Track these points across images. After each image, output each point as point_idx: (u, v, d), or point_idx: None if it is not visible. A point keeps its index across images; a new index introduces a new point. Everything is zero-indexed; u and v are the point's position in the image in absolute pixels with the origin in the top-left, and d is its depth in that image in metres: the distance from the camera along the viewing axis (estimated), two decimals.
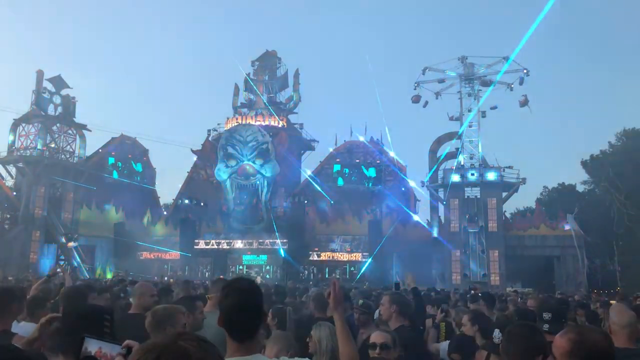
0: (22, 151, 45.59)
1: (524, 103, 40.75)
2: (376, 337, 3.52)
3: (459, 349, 4.87)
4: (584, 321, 7.16)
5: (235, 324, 2.29)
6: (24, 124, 46.31)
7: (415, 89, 42.59)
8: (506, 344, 2.87)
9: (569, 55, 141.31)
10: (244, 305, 2.31)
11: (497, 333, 3.68)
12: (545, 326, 4.25)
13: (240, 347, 2.27)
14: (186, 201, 47.89)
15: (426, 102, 42.53)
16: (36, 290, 7.03)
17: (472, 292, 12.13)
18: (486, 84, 41.53)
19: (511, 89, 41.12)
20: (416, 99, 42.46)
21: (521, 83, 40.64)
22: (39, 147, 45.05)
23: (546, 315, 5.68)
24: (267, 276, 40.12)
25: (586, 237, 38.96)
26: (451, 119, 42.35)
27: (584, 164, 49.76)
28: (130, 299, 5.78)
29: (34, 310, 5.35)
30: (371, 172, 46.79)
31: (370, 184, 46.50)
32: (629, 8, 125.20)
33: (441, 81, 42.43)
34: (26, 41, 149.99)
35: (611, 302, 9.27)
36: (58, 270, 8.38)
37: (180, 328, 3.54)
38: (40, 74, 46.22)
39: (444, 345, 5.35)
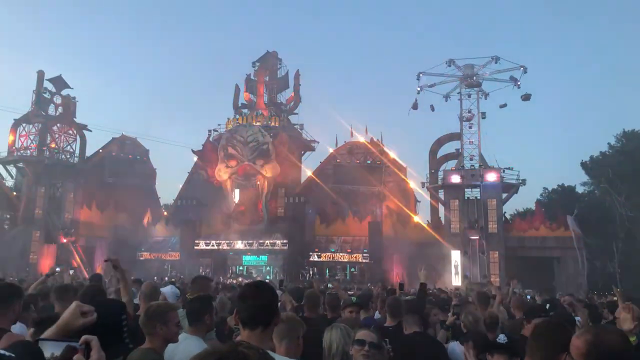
0: (22, 151, 45.63)
1: (527, 98, 40.83)
2: (364, 335, 3.48)
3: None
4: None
5: (241, 311, 2.57)
6: (24, 124, 46.35)
7: (418, 94, 42.71)
8: (531, 340, 2.87)
9: (569, 56, 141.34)
10: (247, 295, 2.63)
11: (502, 337, 3.69)
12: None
13: (251, 336, 2.49)
14: (186, 201, 47.86)
15: (432, 106, 42.47)
16: (34, 290, 7.06)
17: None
18: (472, 85, 41.36)
19: (519, 87, 41.02)
20: (415, 107, 42.62)
21: (518, 80, 40.92)
22: (39, 147, 45.06)
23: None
24: (268, 277, 40.06)
25: (586, 238, 38.92)
26: (466, 119, 41.93)
27: (584, 165, 49.80)
28: (136, 301, 5.70)
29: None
30: (371, 173, 46.72)
31: (370, 185, 46.42)
32: (630, 10, 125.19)
33: (461, 78, 42.02)
34: (27, 41, 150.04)
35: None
36: (57, 269, 8.36)
37: (173, 326, 3.49)
38: (41, 74, 46.29)
39: (452, 345, 5.38)
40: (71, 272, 10.18)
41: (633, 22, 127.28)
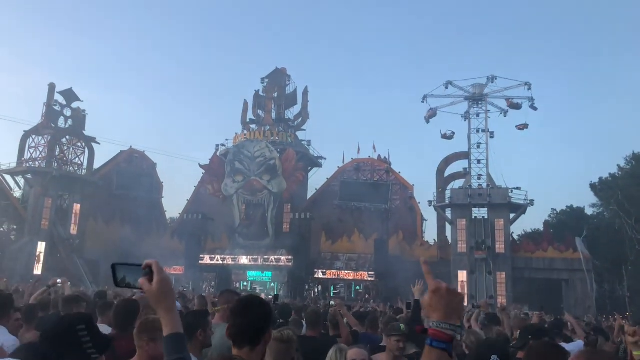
0: (31, 163, 45.89)
1: (523, 128, 41.63)
2: (357, 353, 3.36)
3: None
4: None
5: (230, 328, 2.46)
6: (34, 136, 46.75)
7: (423, 102, 43.25)
8: None
9: (579, 78, 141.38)
10: (237, 312, 2.51)
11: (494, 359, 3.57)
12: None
13: (240, 353, 2.40)
14: (192, 216, 47.84)
15: (428, 120, 43.29)
16: (35, 300, 6.98)
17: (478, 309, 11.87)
18: (515, 106, 41.81)
19: (505, 115, 42.02)
20: (433, 114, 43.27)
21: (535, 108, 41.40)
22: (48, 159, 45.32)
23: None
24: (272, 293, 39.80)
25: (595, 261, 38.45)
26: (444, 136, 42.62)
27: (593, 187, 49.44)
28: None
29: (31, 319, 5.28)
30: (378, 190, 46.54)
31: (377, 203, 46.23)
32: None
33: (468, 97, 42.51)
34: (38, 54, 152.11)
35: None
36: (58, 281, 8.27)
37: (161, 346, 3.32)
38: (51, 87, 46.79)
39: None
40: (68, 284, 10.05)
41: None
